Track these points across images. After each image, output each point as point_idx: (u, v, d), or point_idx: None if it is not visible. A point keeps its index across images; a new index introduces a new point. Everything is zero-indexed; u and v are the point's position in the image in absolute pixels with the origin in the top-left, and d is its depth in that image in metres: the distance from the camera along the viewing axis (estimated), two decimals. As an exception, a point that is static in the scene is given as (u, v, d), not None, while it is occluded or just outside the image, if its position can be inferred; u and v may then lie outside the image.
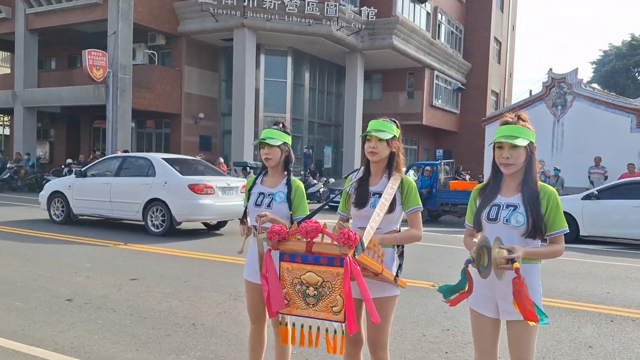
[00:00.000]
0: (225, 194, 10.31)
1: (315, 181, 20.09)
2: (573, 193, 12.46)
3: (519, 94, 73.72)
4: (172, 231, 10.18)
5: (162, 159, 10.55)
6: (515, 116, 2.45)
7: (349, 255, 2.33)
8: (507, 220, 2.39)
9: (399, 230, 2.79)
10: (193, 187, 9.84)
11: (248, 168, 18.03)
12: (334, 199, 3.03)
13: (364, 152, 2.77)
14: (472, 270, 2.37)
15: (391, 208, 2.66)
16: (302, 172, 21.61)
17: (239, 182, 10.89)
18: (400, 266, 2.74)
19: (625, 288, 6.67)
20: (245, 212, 3.22)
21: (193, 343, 4.20)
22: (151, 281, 6.25)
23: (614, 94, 22.09)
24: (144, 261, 7.49)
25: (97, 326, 4.55)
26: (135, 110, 20.87)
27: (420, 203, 2.76)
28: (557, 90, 18.44)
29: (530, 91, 23.71)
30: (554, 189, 2.45)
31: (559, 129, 18.32)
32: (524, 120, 2.44)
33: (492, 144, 2.44)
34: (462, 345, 4.30)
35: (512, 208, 2.41)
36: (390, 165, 2.76)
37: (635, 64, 42.33)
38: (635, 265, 8.43)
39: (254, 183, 3.19)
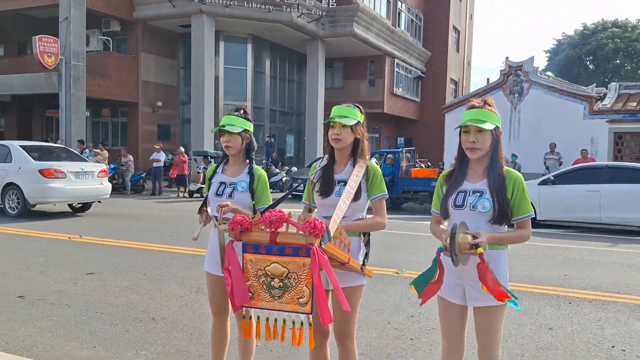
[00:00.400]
0: (78, 178, 11.30)
1: (277, 170, 19.96)
2: (529, 179, 12.75)
3: (477, 82, 75.10)
4: (28, 213, 10.98)
5: (20, 146, 11.42)
6: (482, 101, 2.42)
7: (316, 245, 2.26)
8: (473, 207, 2.37)
9: (365, 219, 2.73)
10: (43, 172, 10.77)
11: (209, 157, 17.74)
12: (298, 188, 2.95)
13: (327, 140, 2.69)
14: (444, 258, 2.33)
15: (357, 196, 2.60)
16: (264, 161, 21.43)
17: (95, 167, 11.92)
18: (366, 255, 2.69)
19: (581, 270, 6.87)
20: (205, 201, 3.11)
21: (153, 338, 4.06)
22: (108, 275, 6.04)
23: (567, 82, 22.69)
24: (101, 254, 7.25)
25: (51, 323, 4.35)
26: (89, 98, 20.20)
27: (386, 190, 2.71)
28: (514, 78, 18.82)
29: (488, 79, 24.15)
30: (519, 174, 2.43)
31: (516, 116, 18.71)
32: (490, 105, 2.41)
33: (459, 129, 2.41)
34: (427, 331, 4.31)
35: (479, 194, 2.38)
36: (355, 152, 2.70)
37: (587, 53, 43.67)
38: (590, 248, 8.70)
39: (215, 172, 3.07)
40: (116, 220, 10.99)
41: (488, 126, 2.35)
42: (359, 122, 2.68)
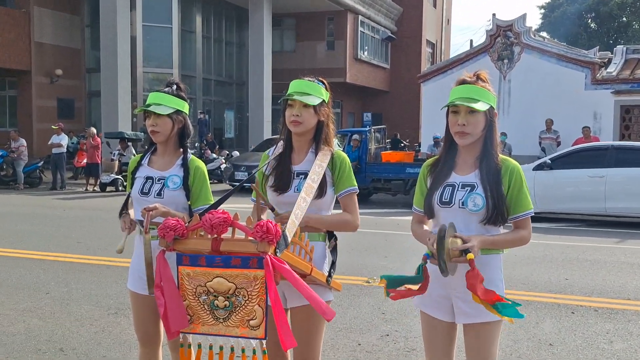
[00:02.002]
0: None
1: (214, 155, 19.79)
2: (522, 162, 13.04)
3: (458, 45, 76.32)
4: None
5: None
6: (474, 75, 2.47)
7: (270, 254, 2.27)
8: (463, 204, 2.42)
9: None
10: None
11: (126, 139, 17.38)
12: (247, 182, 2.93)
13: (284, 122, 2.69)
14: (430, 267, 2.38)
15: (321, 191, 2.62)
16: (197, 144, 21.19)
17: None
18: (333, 264, 2.72)
19: (584, 273, 7.14)
20: (126, 201, 3.04)
21: (62, 374, 3.99)
22: (0, 294, 5.87)
23: (565, 44, 23.37)
24: (-12, 268, 7.03)
25: None
26: (-33, 65, 19.46)
27: (356, 184, 2.74)
28: (503, 40, 19.20)
29: (471, 41, 24.58)
30: (517, 164, 2.50)
31: (505, 86, 19.13)
32: (484, 81, 2.46)
33: (446, 108, 2.45)
34: (406, 353, 4.41)
35: (469, 188, 2.44)
36: (318, 137, 2.71)
37: (589, 9, 44.97)
38: (594, 245, 9.04)
39: (139, 164, 3.03)
40: (7, 223, 10.66)
41: (481, 106, 2.39)
42: (323, 101, 2.69)
